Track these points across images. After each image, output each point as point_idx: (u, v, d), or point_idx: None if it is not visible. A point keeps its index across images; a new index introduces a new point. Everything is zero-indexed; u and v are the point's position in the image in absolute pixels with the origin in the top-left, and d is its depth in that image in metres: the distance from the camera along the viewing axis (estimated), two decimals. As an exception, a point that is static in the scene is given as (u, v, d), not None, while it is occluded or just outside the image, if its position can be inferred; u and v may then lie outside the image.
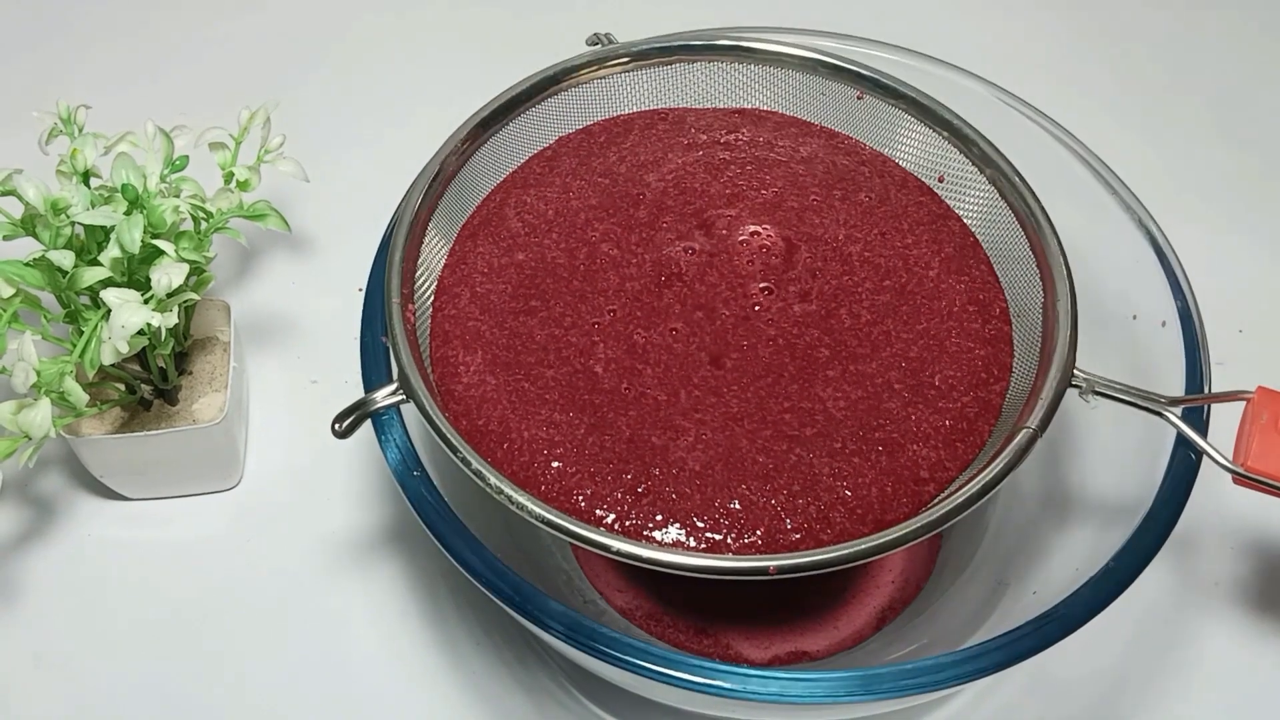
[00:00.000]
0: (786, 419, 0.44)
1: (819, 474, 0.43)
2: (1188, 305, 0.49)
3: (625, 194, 0.51)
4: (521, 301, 0.48)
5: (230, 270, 0.68)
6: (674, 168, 0.52)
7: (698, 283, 0.48)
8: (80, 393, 0.49)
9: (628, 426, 0.44)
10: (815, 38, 0.53)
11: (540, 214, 0.50)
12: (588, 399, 0.45)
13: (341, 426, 0.42)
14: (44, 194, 0.51)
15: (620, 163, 0.52)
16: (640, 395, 0.45)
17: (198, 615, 0.56)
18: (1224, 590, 0.57)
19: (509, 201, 0.51)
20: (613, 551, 0.40)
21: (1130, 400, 0.43)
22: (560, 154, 0.53)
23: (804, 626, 0.54)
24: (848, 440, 0.44)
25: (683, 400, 0.45)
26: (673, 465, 0.43)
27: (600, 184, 0.51)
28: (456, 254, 0.49)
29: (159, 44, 0.79)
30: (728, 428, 0.44)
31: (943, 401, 0.45)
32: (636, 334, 0.47)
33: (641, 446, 0.43)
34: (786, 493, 0.42)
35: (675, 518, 0.42)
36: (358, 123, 0.75)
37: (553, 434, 0.44)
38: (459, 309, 0.47)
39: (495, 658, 0.55)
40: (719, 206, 0.51)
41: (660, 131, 0.53)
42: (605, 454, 0.43)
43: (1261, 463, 0.40)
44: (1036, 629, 0.41)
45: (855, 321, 0.47)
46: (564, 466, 0.43)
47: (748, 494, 0.42)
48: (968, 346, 0.46)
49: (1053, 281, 0.45)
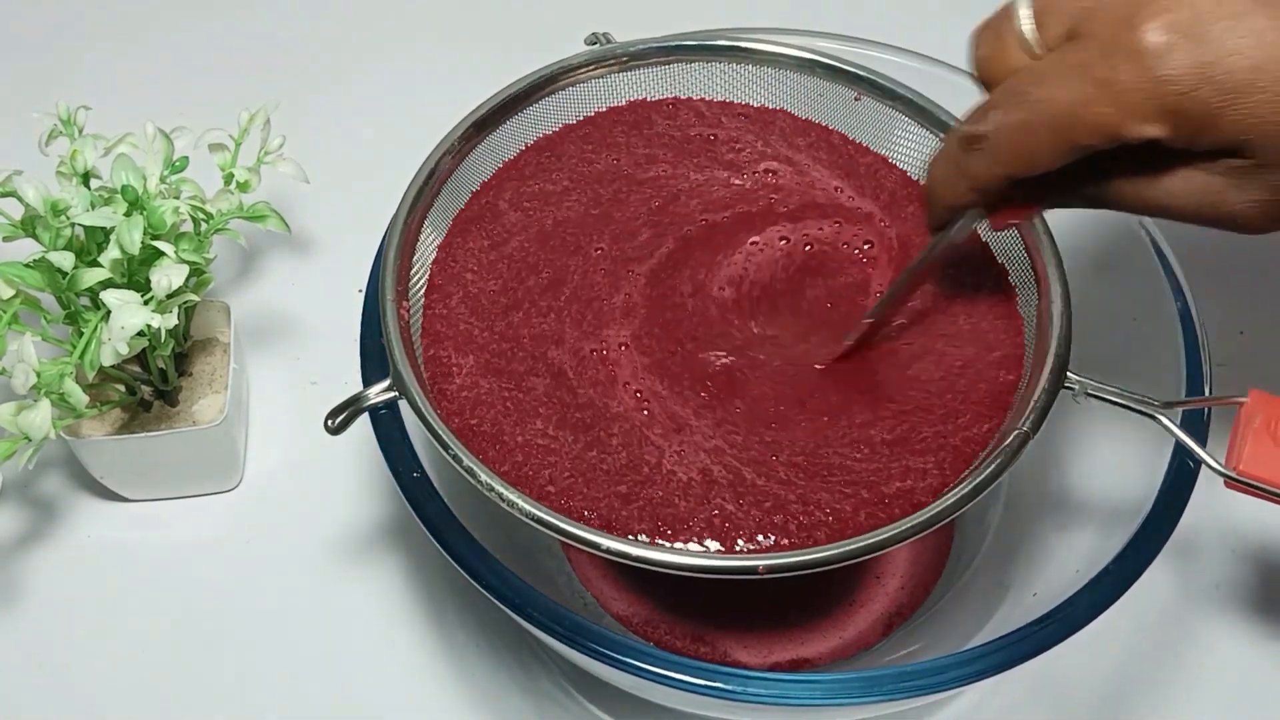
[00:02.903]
0: (780, 440, 0.44)
1: (812, 489, 0.43)
2: (1188, 307, 0.49)
3: (630, 189, 0.51)
4: (512, 298, 0.48)
5: (230, 271, 0.68)
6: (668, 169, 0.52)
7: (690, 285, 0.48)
8: (80, 394, 0.49)
9: (619, 440, 0.44)
10: (813, 38, 0.53)
11: (534, 210, 0.50)
12: (577, 417, 0.45)
13: (334, 423, 0.42)
14: (44, 195, 0.51)
15: (625, 157, 0.52)
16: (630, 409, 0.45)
17: (197, 616, 0.56)
18: (1224, 593, 0.57)
19: (501, 196, 0.51)
20: (602, 549, 0.40)
21: (1124, 403, 0.43)
22: (554, 146, 0.52)
23: (806, 634, 0.54)
24: (846, 456, 0.44)
25: (674, 411, 0.45)
26: (665, 478, 0.43)
27: (599, 180, 0.51)
28: (446, 251, 0.49)
29: (159, 45, 0.79)
30: (720, 447, 0.44)
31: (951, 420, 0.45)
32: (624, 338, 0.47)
33: (636, 460, 0.44)
34: (772, 504, 0.43)
35: (666, 523, 0.42)
36: (358, 124, 0.75)
37: (547, 442, 0.44)
38: (449, 309, 0.47)
39: (495, 659, 0.55)
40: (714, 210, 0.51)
41: (657, 128, 0.53)
42: (598, 465, 0.43)
43: (1253, 467, 0.40)
44: (1037, 631, 0.41)
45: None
46: (555, 474, 0.43)
47: (727, 507, 0.42)
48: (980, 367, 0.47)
49: (1047, 283, 0.45)
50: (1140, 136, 0.36)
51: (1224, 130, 0.35)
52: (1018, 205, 0.41)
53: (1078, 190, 0.40)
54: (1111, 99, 0.35)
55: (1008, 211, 0.41)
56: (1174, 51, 0.34)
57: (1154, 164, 0.37)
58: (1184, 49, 0.34)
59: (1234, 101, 0.34)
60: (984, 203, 0.40)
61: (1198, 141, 0.36)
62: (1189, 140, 0.36)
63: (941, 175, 0.41)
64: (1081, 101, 0.36)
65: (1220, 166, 0.36)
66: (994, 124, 0.38)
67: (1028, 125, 0.37)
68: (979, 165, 0.39)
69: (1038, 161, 0.37)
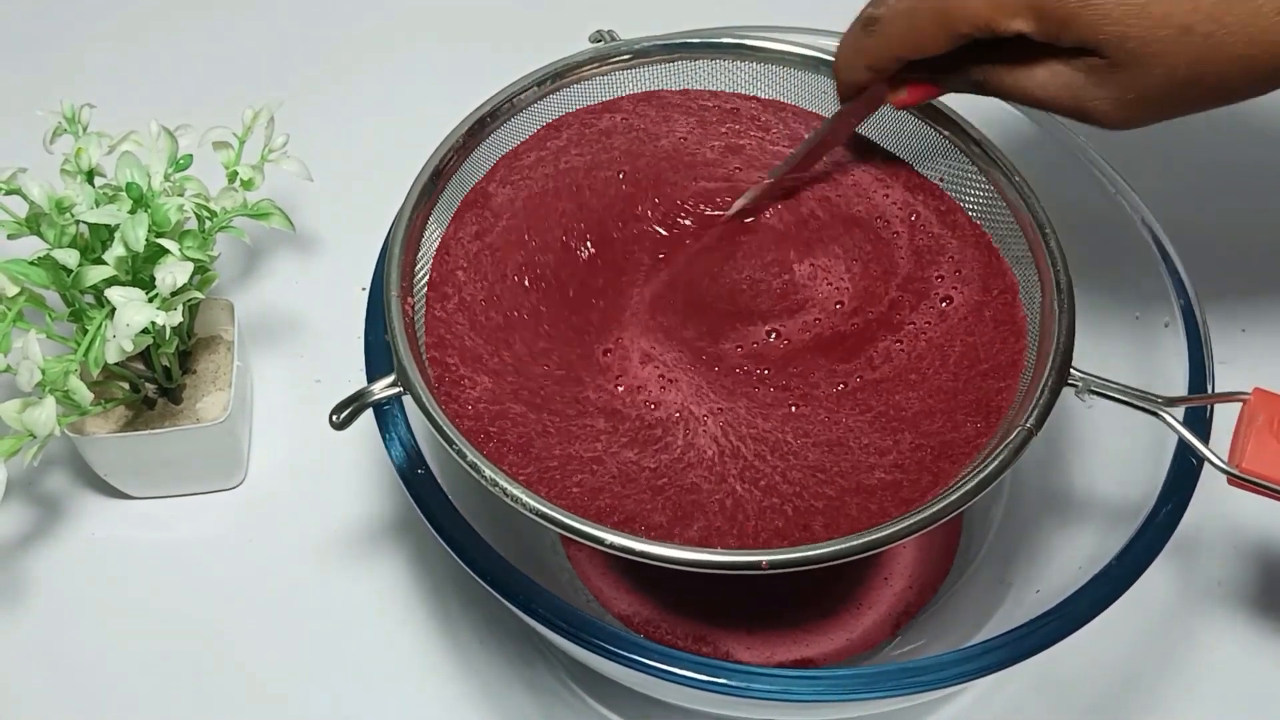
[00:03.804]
0: (791, 442, 0.45)
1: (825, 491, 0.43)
2: (1190, 305, 0.49)
3: (634, 186, 0.51)
4: (518, 297, 0.48)
5: (234, 269, 0.68)
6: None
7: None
8: (85, 391, 0.49)
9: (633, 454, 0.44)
10: (817, 36, 0.53)
11: (539, 204, 0.51)
12: (579, 426, 0.45)
13: (339, 418, 0.42)
14: (49, 193, 0.51)
15: (632, 143, 0.52)
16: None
17: (201, 613, 0.56)
18: (1226, 590, 0.57)
19: (504, 191, 0.51)
20: (606, 545, 0.40)
21: (1127, 400, 0.43)
22: (557, 137, 0.53)
23: (811, 635, 0.54)
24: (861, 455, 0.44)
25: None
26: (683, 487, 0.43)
27: (604, 173, 0.52)
28: (448, 247, 0.49)
29: (163, 43, 0.79)
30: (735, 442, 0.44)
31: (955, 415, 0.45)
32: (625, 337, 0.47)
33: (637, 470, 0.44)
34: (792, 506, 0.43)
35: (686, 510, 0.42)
36: (362, 121, 0.75)
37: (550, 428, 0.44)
38: (447, 313, 0.47)
39: (499, 655, 0.55)
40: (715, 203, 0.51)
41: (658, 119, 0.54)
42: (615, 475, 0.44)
43: (1256, 464, 0.40)
44: (1039, 628, 0.41)
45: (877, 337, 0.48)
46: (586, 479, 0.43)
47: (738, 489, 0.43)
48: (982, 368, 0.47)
49: (1051, 281, 0.45)
50: (1009, 30, 0.40)
51: (1081, 29, 0.39)
52: (913, 85, 0.45)
53: (963, 76, 0.44)
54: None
55: (903, 91, 0.46)
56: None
57: (1027, 56, 0.42)
58: None
59: (1091, 3, 0.39)
60: (881, 79, 0.45)
61: (1061, 38, 0.40)
62: (1053, 36, 0.40)
63: (845, 54, 0.46)
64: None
65: (1082, 64, 0.41)
66: (887, 9, 0.43)
67: (914, 11, 0.42)
68: (873, 46, 0.44)
69: (923, 46, 0.42)
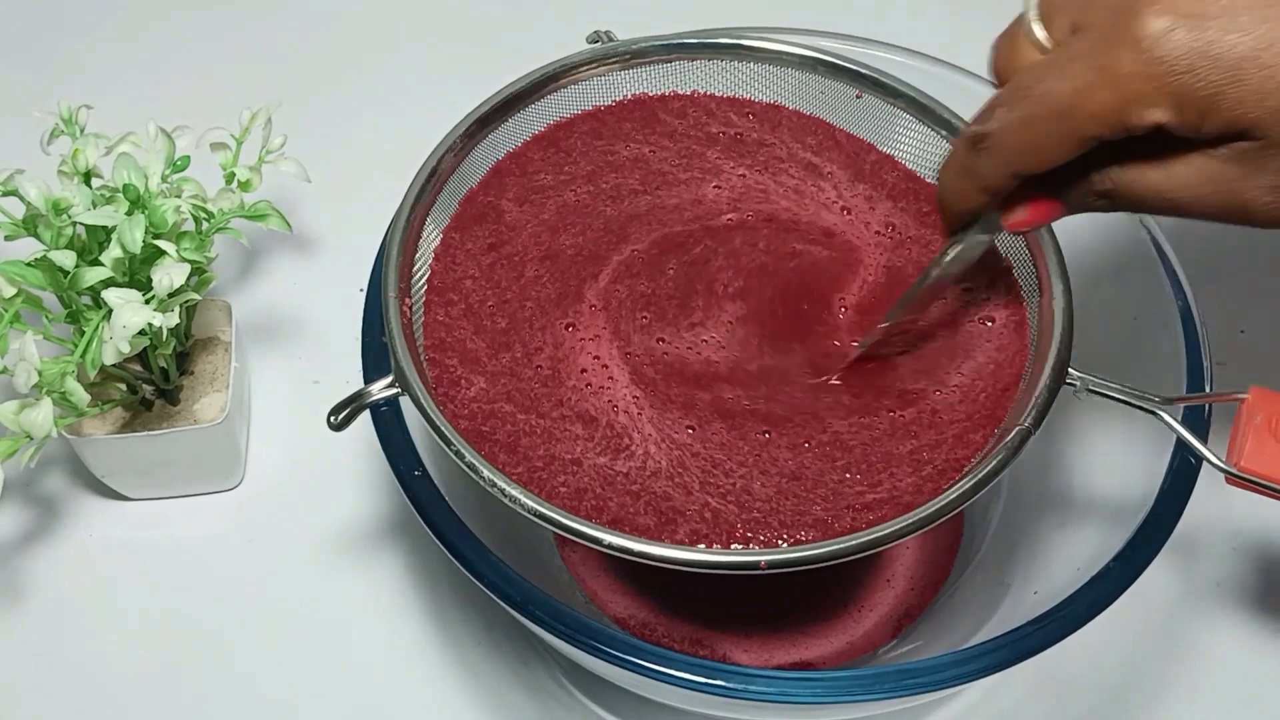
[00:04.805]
0: (786, 455, 0.44)
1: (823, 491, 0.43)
2: (1188, 305, 0.49)
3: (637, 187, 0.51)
4: (511, 297, 0.48)
5: (232, 270, 0.68)
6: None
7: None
8: (82, 393, 0.49)
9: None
10: (815, 37, 0.53)
11: (533, 208, 0.51)
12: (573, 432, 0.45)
13: (337, 419, 0.42)
14: (46, 194, 0.51)
15: (632, 149, 0.52)
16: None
17: (199, 615, 0.56)
18: (1225, 590, 0.57)
19: (503, 195, 0.51)
20: (604, 545, 0.39)
21: (1125, 400, 0.43)
22: (557, 141, 0.53)
23: (811, 638, 0.54)
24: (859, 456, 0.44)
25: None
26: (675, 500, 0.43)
27: (599, 176, 0.52)
28: (446, 249, 0.49)
29: (161, 44, 0.79)
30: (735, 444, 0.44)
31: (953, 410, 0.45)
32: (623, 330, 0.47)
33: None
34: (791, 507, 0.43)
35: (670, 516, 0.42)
36: (359, 122, 0.75)
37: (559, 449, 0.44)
38: (450, 316, 0.47)
39: (496, 656, 0.55)
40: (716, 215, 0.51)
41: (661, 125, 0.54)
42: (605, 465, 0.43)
43: (1254, 463, 0.40)
44: (1038, 629, 0.41)
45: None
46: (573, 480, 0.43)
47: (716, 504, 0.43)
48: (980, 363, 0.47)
49: (1049, 281, 0.45)
50: (1144, 123, 0.35)
51: (1229, 110, 0.34)
52: (1031, 204, 0.40)
53: (1090, 188, 0.39)
54: (1112, 85, 0.35)
55: (1022, 212, 0.40)
56: (1174, 34, 0.34)
57: (1160, 155, 0.37)
58: (1184, 31, 0.34)
59: (1237, 79, 0.34)
60: (995, 204, 0.40)
61: (1204, 125, 0.35)
62: (1195, 124, 0.35)
63: (951, 179, 0.40)
64: (1083, 90, 0.35)
65: (1229, 152, 0.35)
66: (999, 121, 0.37)
67: (1031, 119, 0.36)
68: (986, 164, 0.38)
69: (1044, 156, 0.37)
